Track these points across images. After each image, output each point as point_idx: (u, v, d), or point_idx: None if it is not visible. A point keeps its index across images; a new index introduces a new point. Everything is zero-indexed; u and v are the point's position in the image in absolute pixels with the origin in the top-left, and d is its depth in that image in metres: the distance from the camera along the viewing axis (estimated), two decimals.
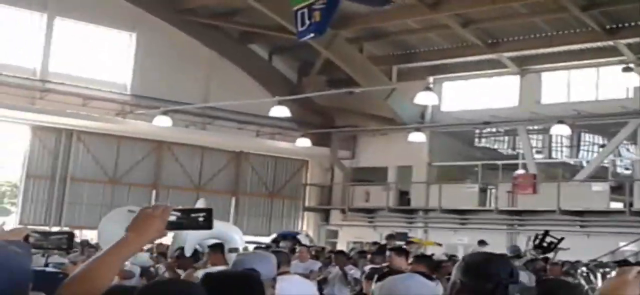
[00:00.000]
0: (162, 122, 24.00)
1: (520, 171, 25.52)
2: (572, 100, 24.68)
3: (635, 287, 2.59)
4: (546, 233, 17.36)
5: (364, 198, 28.55)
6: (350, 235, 27.53)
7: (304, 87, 28.37)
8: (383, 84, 26.26)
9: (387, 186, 28.02)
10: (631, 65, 22.13)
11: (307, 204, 30.61)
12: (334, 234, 29.26)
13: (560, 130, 23.90)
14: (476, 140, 29.94)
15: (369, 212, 28.37)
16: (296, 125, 29.58)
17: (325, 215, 30.55)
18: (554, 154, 29.42)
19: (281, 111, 23.85)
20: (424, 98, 21.98)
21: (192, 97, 26.27)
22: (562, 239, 17.53)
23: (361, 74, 26.20)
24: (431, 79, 27.84)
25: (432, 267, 7.99)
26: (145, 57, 26.31)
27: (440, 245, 22.01)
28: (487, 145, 30.39)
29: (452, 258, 14.39)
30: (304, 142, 28.03)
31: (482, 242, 19.97)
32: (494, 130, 28.56)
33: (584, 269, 9.02)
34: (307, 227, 30.59)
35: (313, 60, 28.26)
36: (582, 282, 9.06)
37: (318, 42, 25.84)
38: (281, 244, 20.49)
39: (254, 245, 17.15)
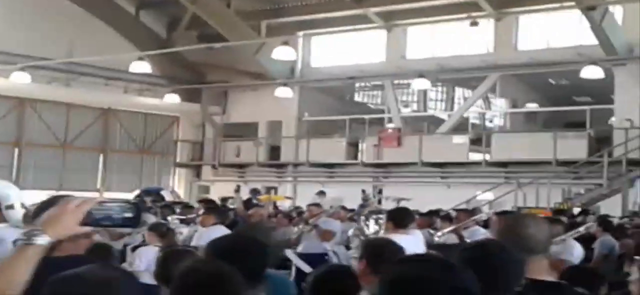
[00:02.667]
0: (21, 78, 22.87)
1: (391, 125, 25.76)
2: (436, 55, 24.90)
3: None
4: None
5: (235, 153, 28.24)
6: (222, 190, 27.14)
7: (174, 42, 27.60)
8: (252, 39, 25.85)
9: (257, 141, 27.76)
10: (477, 20, 22.45)
11: (178, 160, 30.02)
12: (206, 190, 28.82)
13: (421, 85, 24.10)
14: (348, 95, 29.92)
15: (240, 167, 28.08)
16: (166, 81, 28.87)
17: (197, 171, 30.11)
18: (429, 109, 29.70)
19: (142, 67, 23.07)
20: (283, 53, 21.65)
21: (55, 53, 24.84)
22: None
23: (229, 29, 25.67)
24: (300, 34, 27.59)
25: None
26: (4, 11, 24.94)
27: (290, 198, 22.09)
28: (358, 100, 30.45)
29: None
30: (172, 99, 27.42)
31: (321, 193, 20.23)
32: (365, 85, 28.66)
33: (364, 216, 9.30)
34: (178, 183, 30.11)
35: (182, 16, 27.53)
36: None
37: None
38: (145, 199, 20.06)
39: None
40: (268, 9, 27.22)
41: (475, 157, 23.15)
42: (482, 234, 8.63)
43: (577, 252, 6.90)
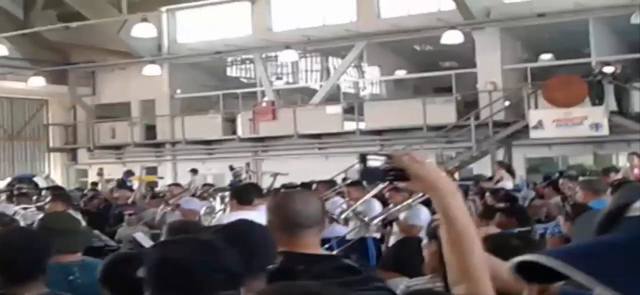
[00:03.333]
0: None
1: (266, 98, 25.94)
2: (302, 26, 25.21)
3: None
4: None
5: (110, 135, 27.82)
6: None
7: (32, 23, 26.64)
8: (113, 16, 25.25)
9: (131, 121, 27.46)
10: None
11: (51, 144, 29.26)
12: (84, 173, 28.34)
13: (289, 57, 24.47)
14: (221, 70, 29.79)
15: (117, 148, 27.74)
16: (29, 63, 27.95)
17: (73, 154, 29.48)
18: (301, 80, 29.97)
19: None
20: (143, 30, 21.50)
21: None
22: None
23: (87, 6, 25.03)
24: (164, 9, 27.25)
25: None
26: None
27: (161, 178, 22.26)
28: (232, 74, 30.29)
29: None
30: (37, 82, 26.60)
31: (193, 171, 20.65)
32: (235, 59, 28.65)
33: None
34: (54, 168, 29.40)
35: None
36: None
37: None
38: (16, 186, 19.55)
39: None
40: None
41: (350, 126, 23.78)
42: (338, 205, 8.73)
43: (423, 216, 7.46)
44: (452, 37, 21.32)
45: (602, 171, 13.17)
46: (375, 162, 2.21)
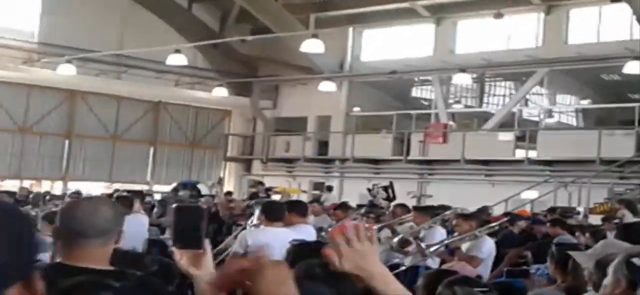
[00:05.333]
0: (67, 70, 24.19)
1: (445, 121, 26.25)
2: (484, 50, 25.32)
3: None
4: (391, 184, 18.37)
5: (285, 148, 29.20)
6: (271, 184, 28.16)
7: (226, 36, 28.70)
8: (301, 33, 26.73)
9: (306, 136, 28.73)
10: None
11: (229, 154, 31.18)
12: (262, 183, 29.83)
13: (463, 79, 24.61)
14: (404, 90, 30.43)
15: (289, 161, 29.00)
16: (217, 74, 30.09)
17: (247, 165, 31.18)
18: (484, 104, 30.09)
19: (179, 59, 24.02)
20: (309, 46, 22.50)
21: (106, 46, 25.91)
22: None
23: (277, 22, 26.58)
24: (350, 28, 28.46)
25: None
26: (54, 4, 26.37)
27: (304, 192, 22.92)
28: (416, 95, 30.92)
29: None
30: (221, 92, 28.46)
31: (328, 188, 21.12)
32: (418, 80, 29.22)
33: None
34: (229, 177, 31.29)
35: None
36: None
37: None
38: (180, 192, 21.21)
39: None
40: (317, 2, 28.12)
41: (521, 154, 23.53)
42: (440, 232, 8.90)
43: (486, 248, 7.40)
44: (635, 68, 20.66)
45: None
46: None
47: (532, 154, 23.04)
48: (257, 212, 8.05)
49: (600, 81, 24.63)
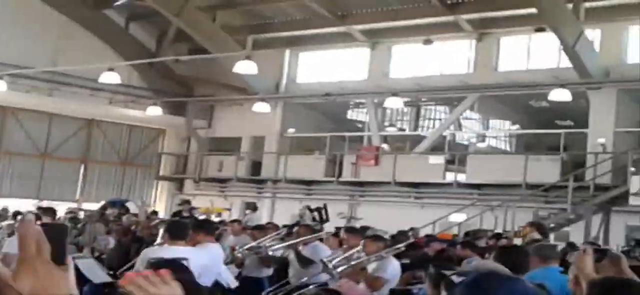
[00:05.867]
0: None
1: (378, 143, 26.56)
2: (417, 75, 25.76)
3: None
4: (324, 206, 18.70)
5: (218, 168, 29.24)
6: (202, 204, 28.14)
7: (162, 55, 28.68)
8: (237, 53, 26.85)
9: (239, 156, 28.81)
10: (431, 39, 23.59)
11: (162, 173, 31.07)
12: (188, 202, 29.79)
13: (394, 103, 25.01)
14: (340, 112, 30.70)
15: (222, 181, 29.06)
16: (152, 93, 30.02)
17: (180, 184, 31.13)
18: (419, 128, 30.53)
19: (112, 78, 23.98)
20: (243, 67, 22.71)
21: (39, 62, 25.81)
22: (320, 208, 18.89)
23: (213, 43, 26.61)
24: (287, 50, 28.72)
25: None
26: None
27: (228, 210, 23.12)
28: (352, 118, 31.21)
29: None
30: (155, 111, 28.42)
31: (254, 209, 21.40)
32: (353, 103, 29.55)
33: None
34: (160, 196, 31.19)
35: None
36: None
37: (168, 9, 26.48)
38: (108, 211, 21.10)
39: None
40: (255, 24, 28.26)
41: (451, 177, 23.97)
42: (320, 249, 9.25)
43: (391, 269, 7.58)
44: (560, 95, 21.25)
45: None
46: None
47: (462, 178, 23.51)
48: (161, 231, 8.12)
49: (529, 107, 25.24)
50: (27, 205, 25.35)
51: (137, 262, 7.18)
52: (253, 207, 21.99)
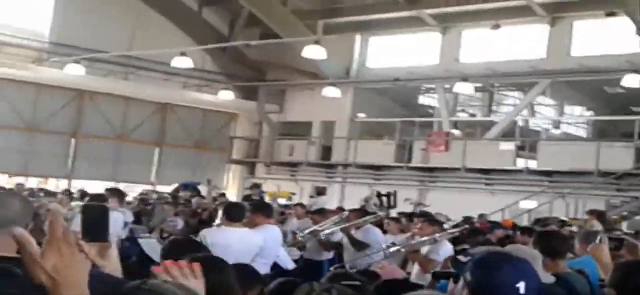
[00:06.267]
0: (75, 70, 24.64)
1: (448, 129, 26.51)
2: (489, 60, 25.55)
3: None
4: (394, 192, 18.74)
5: (288, 152, 29.56)
6: (273, 187, 28.51)
7: (235, 40, 29.09)
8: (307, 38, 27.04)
9: (310, 140, 29.08)
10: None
11: (234, 156, 31.53)
12: (258, 186, 30.16)
13: (464, 89, 24.86)
14: (412, 97, 30.68)
15: (292, 165, 29.37)
16: (225, 78, 30.48)
17: (251, 168, 31.56)
18: (492, 114, 30.29)
19: (184, 62, 24.38)
20: (312, 52, 22.85)
21: (115, 47, 26.30)
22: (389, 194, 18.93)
23: (284, 28, 26.88)
24: (357, 35, 28.82)
25: None
26: (66, 4, 26.79)
27: (294, 194, 23.33)
28: (424, 103, 31.20)
29: None
30: (227, 95, 28.85)
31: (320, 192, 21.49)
32: (425, 88, 29.53)
33: None
34: (232, 179, 31.69)
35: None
36: None
37: None
38: (181, 193, 21.59)
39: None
40: (326, 9, 28.45)
41: (522, 163, 23.78)
42: (372, 232, 9.43)
43: (443, 251, 7.63)
44: (634, 81, 20.89)
45: None
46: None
47: (533, 164, 23.31)
48: (220, 213, 8.36)
49: (603, 93, 24.87)
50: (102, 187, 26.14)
51: None
52: (319, 192, 22.18)
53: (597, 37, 23.71)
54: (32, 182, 25.38)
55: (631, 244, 4.25)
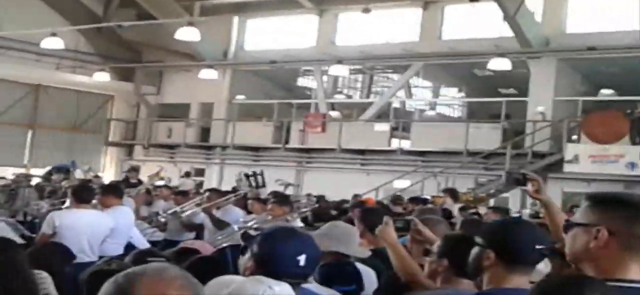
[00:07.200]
0: None
1: (325, 111, 26.84)
2: (364, 43, 26.00)
3: None
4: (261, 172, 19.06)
5: (167, 134, 29.35)
6: (152, 170, 28.25)
7: (109, 20, 28.57)
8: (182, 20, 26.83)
9: (188, 122, 28.96)
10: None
11: (111, 139, 31.08)
12: (136, 170, 29.88)
13: (339, 71, 25.24)
14: (290, 79, 30.88)
15: (171, 147, 29.19)
16: (100, 59, 29.98)
17: (129, 150, 31.20)
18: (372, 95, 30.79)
19: (55, 43, 23.91)
20: (186, 33, 22.79)
21: None
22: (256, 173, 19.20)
23: (160, 9, 26.67)
24: (235, 17, 28.79)
25: None
26: None
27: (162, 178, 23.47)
28: (303, 85, 31.43)
29: None
30: (102, 77, 28.41)
31: (187, 174, 21.78)
32: (302, 70, 29.78)
33: None
34: (110, 162, 31.26)
35: None
36: None
37: None
38: (54, 176, 21.20)
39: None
40: None
41: (396, 144, 24.37)
42: (234, 212, 9.80)
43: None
44: (500, 64, 21.64)
45: None
46: None
47: (406, 145, 23.91)
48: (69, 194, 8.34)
49: (473, 76, 25.63)
50: None
51: (43, 225, 7.35)
52: (186, 173, 22.27)
53: (466, 21, 24.43)
54: None
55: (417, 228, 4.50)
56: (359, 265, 4.37)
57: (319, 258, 3.24)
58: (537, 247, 3.18)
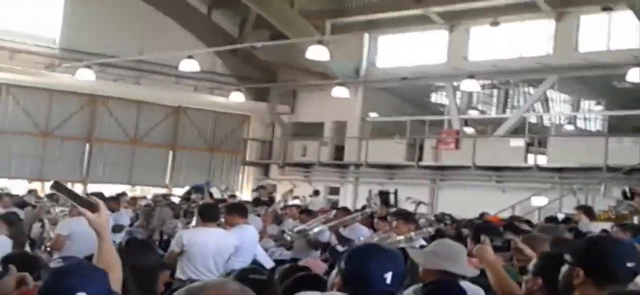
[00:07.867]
0: (86, 75, 24.95)
1: (457, 127, 26.56)
2: (496, 57, 25.51)
3: None
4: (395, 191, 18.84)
5: (301, 152, 29.70)
6: (287, 189, 28.65)
7: (245, 42, 29.22)
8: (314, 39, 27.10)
9: (322, 141, 29.21)
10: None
11: (247, 158, 31.73)
12: (273, 188, 30.37)
13: (470, 86, 24.87)
14: (422, 96, 30.70)
15: (305, 166, 29.49)
16: (236, 80, 30.70)
17: (265, 169, 31.73)
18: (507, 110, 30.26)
19: (192, 65, 24.61)
20: (316, 52, 22.92)
21: (126, 52, 26.60)
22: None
23: (292, 29, 27.02)
24: (366, 35, 28.88)
25: None
26: (75, 10, 26.98)
27: (297, 197, 23.55)
28: (436, 101, 31.18)
29: None
30: (238, 97, 29.06)
31: (315, 193, 21.56)
32: (434, 86, 29.55)
33: None
34: (247, 181, 31.88)
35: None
36: None
37: None
38: (193, 196, 21.77)
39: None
40: (333, 9, 28.57)
41: (533, 160, 23.76)
42: (360, 230, 9.80)
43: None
44: (637, 76, 20.86)
45: None
46: None
47: (542, 160, 23.31)
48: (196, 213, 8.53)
49: (612, 88, 24.76)
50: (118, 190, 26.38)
51: (172, 243, 7.56)
52: (315, 192, 22.39)
53: (602, 32, 23.62)
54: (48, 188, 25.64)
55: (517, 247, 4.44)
56: (467, 284, 4.31)
57: (406, 275, 3.25)
58: (629, 264, 3.06)
